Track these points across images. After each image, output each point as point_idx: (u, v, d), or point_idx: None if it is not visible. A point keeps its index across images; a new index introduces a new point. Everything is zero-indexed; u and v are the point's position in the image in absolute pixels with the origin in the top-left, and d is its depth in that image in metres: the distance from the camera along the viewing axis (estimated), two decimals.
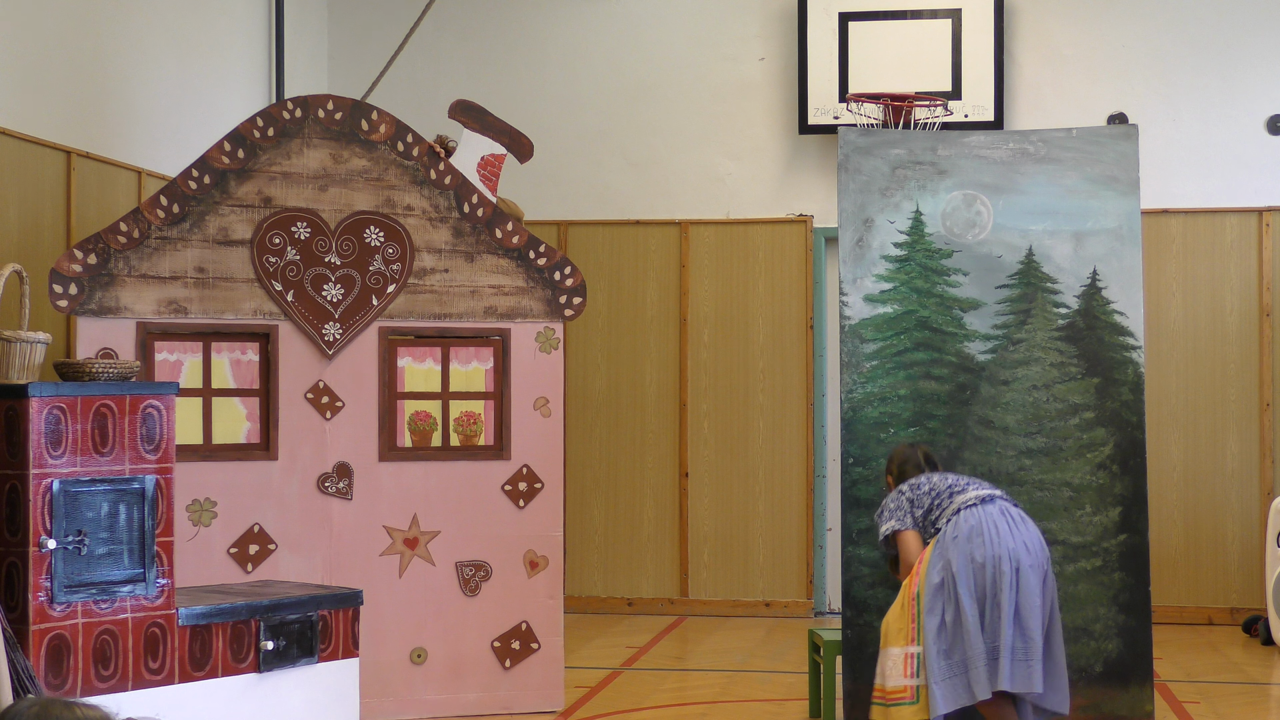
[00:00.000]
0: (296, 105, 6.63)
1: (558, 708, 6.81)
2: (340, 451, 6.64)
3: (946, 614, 5.53)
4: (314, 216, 6.61)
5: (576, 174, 9.81)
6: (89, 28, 7.45)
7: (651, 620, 9.40)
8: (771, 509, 9.60)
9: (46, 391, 4.88)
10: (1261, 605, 8.90)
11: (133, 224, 6.35)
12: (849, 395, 6.41)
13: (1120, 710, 6.21)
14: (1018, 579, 5.52)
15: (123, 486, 5.05)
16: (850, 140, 6.58)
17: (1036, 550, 5.60)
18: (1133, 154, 6.54)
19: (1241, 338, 9.30)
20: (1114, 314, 6.43)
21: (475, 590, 6.76)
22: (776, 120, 9.70)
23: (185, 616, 5.22)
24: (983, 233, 6.52)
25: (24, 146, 6.86)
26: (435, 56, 9.87)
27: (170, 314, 6.41)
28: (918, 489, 5.84)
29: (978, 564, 5.53)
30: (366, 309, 6.66)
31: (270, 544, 6.53)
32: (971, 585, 5.52)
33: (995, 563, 5.51)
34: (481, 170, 6.93)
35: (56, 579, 4.85)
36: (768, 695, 7.25)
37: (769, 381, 9.65)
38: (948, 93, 9.25)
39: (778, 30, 9.68)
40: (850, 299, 6.46)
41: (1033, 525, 5.68)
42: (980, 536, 5.56)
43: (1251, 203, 9.32)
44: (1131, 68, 9.44)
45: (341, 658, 5.69)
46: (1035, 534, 5.64)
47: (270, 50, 9.20)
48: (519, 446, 6.82)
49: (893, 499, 5.90)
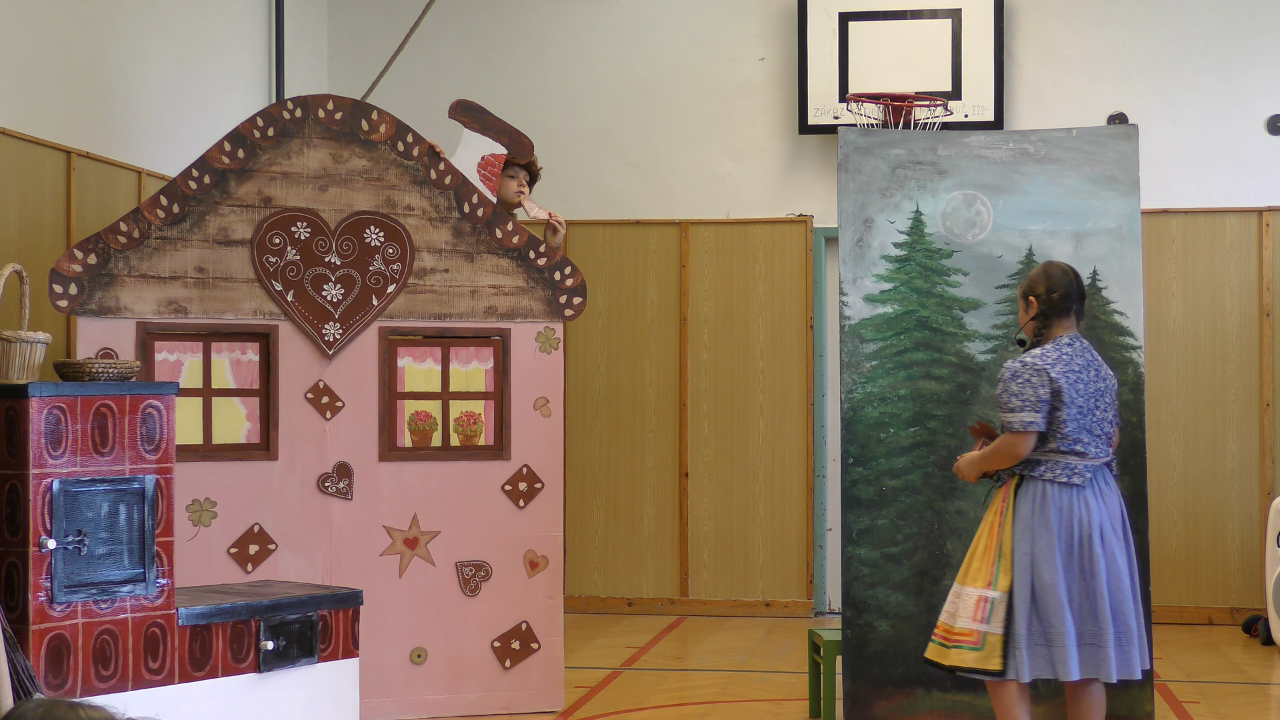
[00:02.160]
0: (296, 105, 6.63)
1: (558, 708, 6.81)
2: (340, 451, 6.64)
3: (1039, 583, 5.36)
4: (314, 216, 6.61)
5: (577, 174, 9.81)
6: (89, 28, 7.45)
7: (651, 620, 9.40)
8: (771, 509, 9.61)
9: (46, 391, 4.88)
10: (1261, 605, 8.90)
11: (133, 224, 6.35)
12: (849, 395, 6.41)
13: (1120, 710, 6.21)
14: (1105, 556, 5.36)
15: (123, 486, 5.06)
16: (850, 140, 6.58)
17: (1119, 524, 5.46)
18: (1133, 154, 6.54)
19: (1241, 338, 9.30)
20: (1114, 314, 6.43)
21: (475, 590, 6.76)
22: (776, 120, 9.70)
23: (185, 616, 5.22)
24: (983, 233, 6.52)
25: (24, 146, 6.86)
26: (435, 56, 9.87)
27: (170, 314, 6.41)
28: (1072, 382, 5.42)
29: (1076, 538, 5.36)
30: (367, 309, 6.66)
31: (270, 544, 6.53)
32: (1068, 560, 5.36)
33: (1089, 541, 5.37)
34: (482, 170, 6.93)
35: (56, 579, 4.85)
36: (768, 695, 7.25)
37: (769, 381, 9.65)
38: (948, 93, 9.25)
39: (778, 30, 9.68)
40: (850, 299, 6.46)
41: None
42: (1085, 506, 5.38)
43: (1251, 203, 9.32)
44: (1131, 68, 9.44)
45: (341, 658, 5.69)
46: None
47: (270, 50, 9.20)
48: (519, 446, 6.82)
49: (1033, 377, 5.40)
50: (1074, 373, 5.43)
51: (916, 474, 6.37)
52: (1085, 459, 5.40)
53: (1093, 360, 5.50)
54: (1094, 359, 5.51)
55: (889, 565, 6.33)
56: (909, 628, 6.31)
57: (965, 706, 6.27)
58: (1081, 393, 5.41)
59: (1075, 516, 5.38)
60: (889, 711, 6.29)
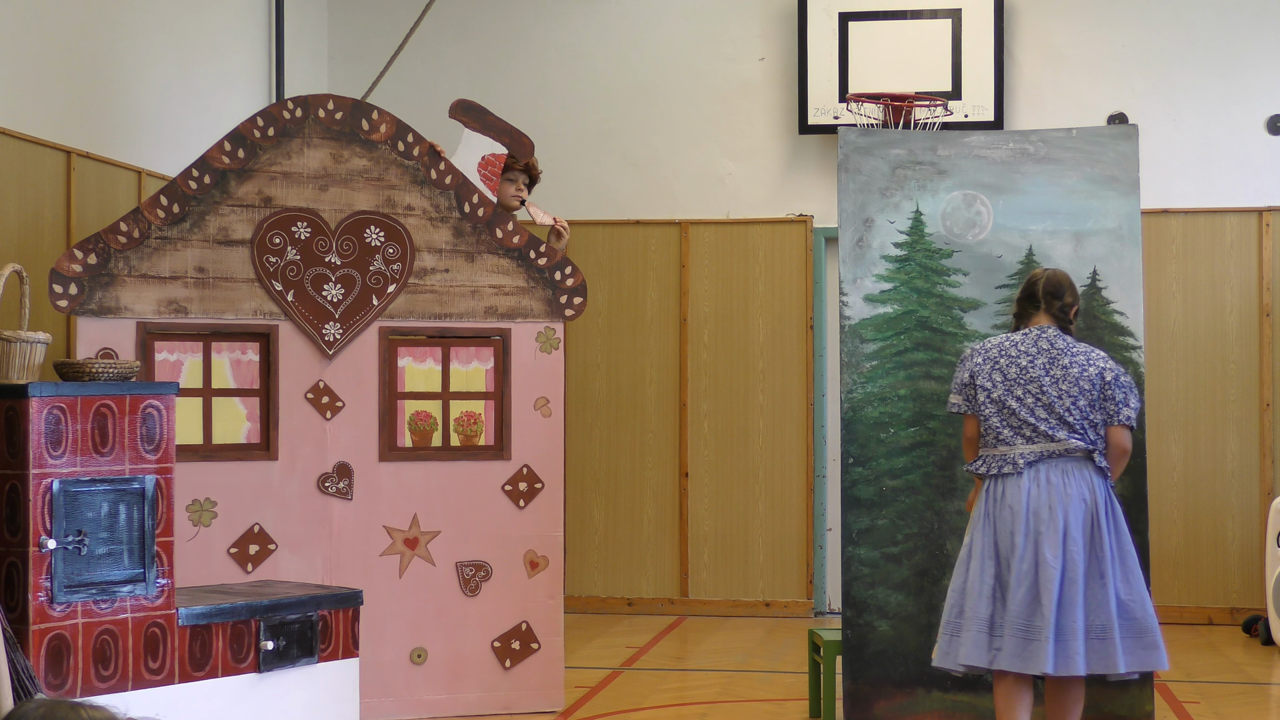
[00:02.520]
0: (297, 105, 6.62)
1: (558, 708, 6.81)
2: (340, 451, 6.64)
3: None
4: (314, 216, 6.61)
5: (577, 174, 9.81)
6: (89, 28, 7.45)
7: (651, 620, 9.40)
8: (771, 509, 9.61)
9: (46, 391, 4.88)
10: (1261, 605, 8.90)
11: (133, 224, 6.35)
12: (849, 395, 6.41)
13: (1120, 710, 6.21)
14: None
15: (123, 486, 5.06)
16: (850, 140, 6.58)
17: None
18: (1133, 154, 6.54)
19: (1241, 338, 9.30)
20: (1114, 314, 6.43)
21: (475, 590, 6.76)
22: (776, 120, 9.70)
23: (185, 616, 5.22)
24: (983, 233, 6.52)
25: (24, 146, 6.86)
26: (435, 56, 9.87)
27: (170, 314, 6.41)
28: (989, 370, 5.58)
29: (1007, 528, 5.48)
30: (367, 309, 6.66)
31: (270, 544, 6.53)
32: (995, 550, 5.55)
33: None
34: (482, 170, 6.93)
35: (56, 579, 4.85)
36: (768, 695, 7.25)
37: (769, 381, 9.65)
38: (948, 93, 9.25)
39: (778, 30, 9.68)
40: (850, 299, 6.46)
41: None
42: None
43: (1251, 203, 9.32)
44: (1131, 68, 9.44)
45: (341, 658, 5.69)
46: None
47: (270, 50, 9.20)
48: (519, 446, 6.82)
49: (960, 363, 5.70)
50: (1006, 359, 5.50)
51: (916, 474, 6.37)
52: (1012, 448, 5.45)
53: (1049, 349, 5.51)
54: (1055, 349, 5.52)
55: (889, 565, 6.33)
56: (909, 628, 6.31)
57: (965, 706, 6.27)
58: (1001, 381, 5.48)
59: (1004, 506, 5.43)
60: (889, 711, 6.29)
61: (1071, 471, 5.43)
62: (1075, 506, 5.40)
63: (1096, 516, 5.42)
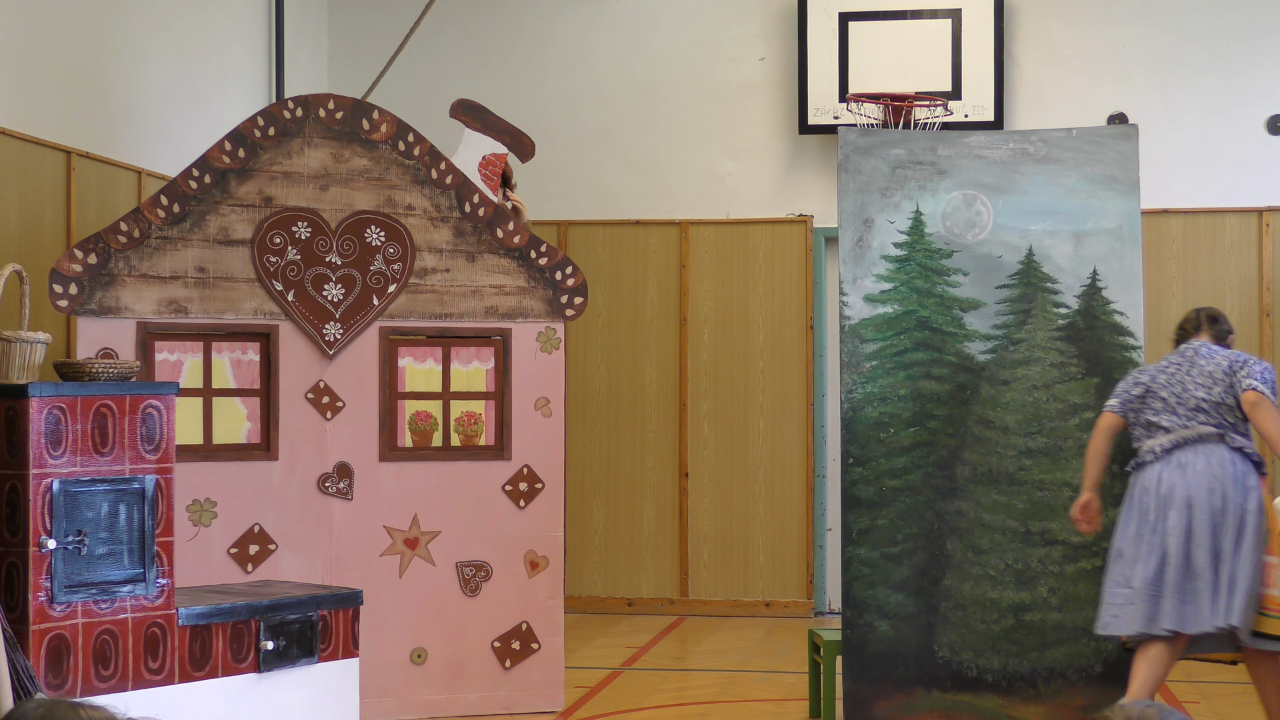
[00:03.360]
0: (297, 105, 6.62)
1: (558, 708, 6.81)
2: (341, 451, 6.64)
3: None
4: (315, 216, 6.61)
5: (576, 174, 9.81)
6: (89, 28, 7.45)
7: (651, 620, 9.40)
8: (771, 509, 9.61)
9: (46, 391, 4.88)
10: None
11: (133, 224, 6.35)
12: (849, 395, 6.41)
13: None
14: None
15: (123, 486, 5.06)
16: (850, 140, 6.58)
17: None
18: (1133, 154, 6.54)
19: (1241, 338, 9.27)
20: (1114, 314, 6.43)
21: (475, 590, 6.76)
22: (776, 120, 9.70)
23: (185, 616, 5.22)
24: (983, 233, 6.52)
25: (24, 146, 6.86)
26: (435, 56, 9.87)
27: (170, 314, 6.41)
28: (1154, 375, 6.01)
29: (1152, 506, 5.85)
30: (367, 309, 6.66)
31: (270, 544, 6.53)
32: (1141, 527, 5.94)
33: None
34: (483, 170, 6.93)
35: (56, 579, 4.85)
36: (768, 695, 7.25)
37: (769, 381, 9.65)
38: (948, 93, 9.25)
39: (778, 30, 9.68)
40: (850, 299, 6.46)
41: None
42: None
43: (1251, 203, 9.32)
44: (1131, 68, 9.44)
45: (341, 658, 5.69)
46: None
47: (270, 50, 9.21)
48: (519, 446, 6.82)
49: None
50: (1165, 375, 5.96)
51: (916, 474, 6.37)
52: (1155, 440, 5.87)
53: (1194, 356, 5.95)
54: (1200, 355, 5.93)
55: (889, 565, 6.33)
56: (909, 628, 6.30)
57: (965, 706, 6.27)
58: (1164, 382, 5.94)
59: (1146, 491, 5.85)
60: (889, 711, 6.29)
61: (1204, 453, 5.82)
62: (1203, 483, 5.79)
63: (1226, 491, 5.79)
